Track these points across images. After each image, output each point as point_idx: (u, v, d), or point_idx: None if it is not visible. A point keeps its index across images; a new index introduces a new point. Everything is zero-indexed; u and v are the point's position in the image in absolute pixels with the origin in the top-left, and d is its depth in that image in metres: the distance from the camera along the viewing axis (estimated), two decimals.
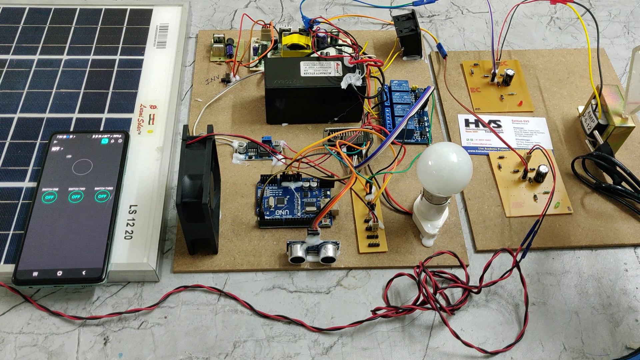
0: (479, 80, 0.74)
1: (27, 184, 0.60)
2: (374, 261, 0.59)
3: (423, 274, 0.56)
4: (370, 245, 0.59)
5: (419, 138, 0.68)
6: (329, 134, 0.66)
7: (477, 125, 0.70)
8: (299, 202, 0.61)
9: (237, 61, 0.73)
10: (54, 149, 0.62)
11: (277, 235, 0.60)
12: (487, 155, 0.67)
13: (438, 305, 0.54)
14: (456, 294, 0.57)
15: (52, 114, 0.66)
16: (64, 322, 0.54)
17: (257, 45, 0.76)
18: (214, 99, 0.70)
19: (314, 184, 0.62)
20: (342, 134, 0.65)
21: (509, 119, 0.70)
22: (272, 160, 0.65)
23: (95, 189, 0.59)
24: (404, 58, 0.76)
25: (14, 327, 0.53)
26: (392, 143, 0.63)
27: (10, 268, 0.54)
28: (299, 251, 0.57)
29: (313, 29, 0.75)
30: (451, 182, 0.53)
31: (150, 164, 0.62)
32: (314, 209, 0.61)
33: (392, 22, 0.78)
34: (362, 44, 0.76)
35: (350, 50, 0.72)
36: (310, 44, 0.73)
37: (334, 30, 0.76)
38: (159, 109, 0.67)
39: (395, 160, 0.64)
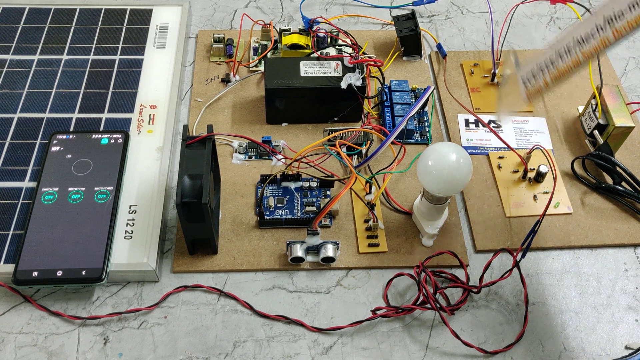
0: (479, 80, 0.74)
1: (27, 184, 0.60)
2: (374, 261, 0.59)
3: (423, 274, 0.56)
4: (370, 245, 0.59)
5: (419, 138, 0.68)
6: (329, 134, 0.66)
7: (477, 125, 0.70)
8: (299, 202, 0.61)
9: (237, 61, 0.73)
10: (54, 149, 0.62)
11: (277, 235, 0.60)
12: (487, 155, 0.67)
13: (438, 305, 0.54)
14: (456, 294, 0.57)
15: (52, 114, 0.66)
16: (64, 322, 0.54)
17: (257, 45, 0.76)
18: (214, 99, 0.70)
19: (314, 184, 0.62)
20: (342, 134, 0.65)
21: (509, 119, 0.70)
22: (272, 160, 0.65)
23: (95, 189, 0.59)
24: (404, 58, 0.76)
25: (14, 327, 0.53)
26: (392, 143, 0.63)
27: (10, 268, 0.54)
28: (298, 251, 0.57)
29: (313, 29, 0.75)
30: (451, 182, 0.53)
31: (150, 164, 0.62)
32: (314, 209, 0.61)
33: (392, 22, 0.78)
34: (362, 44, 0.76)
35: (350, 50, 0.72)
36: (310, 44, 0.73)
37: (334, 30, 0.76)
38: (159, 109, 0.67)
39: (395, 160, 0.64)
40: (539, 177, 0.64)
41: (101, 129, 0.65)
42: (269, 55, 0.74)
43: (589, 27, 0.45)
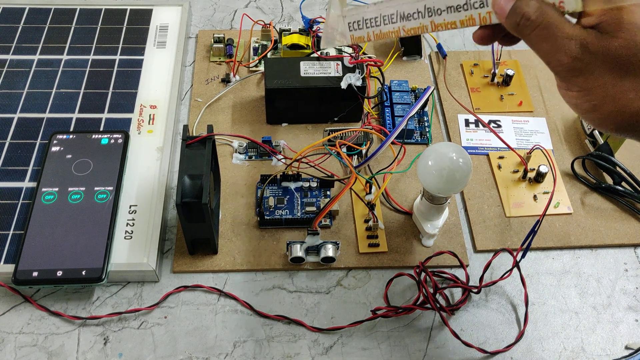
0: (479, 80, 0.74)
1: (27, 184, 0.60)
2: (374, 261, 0.59)
3: (423, 274, 0.56)
4: (370, 245, 0.59)
5: (419, 138, 0.68)
6: (329, 134, 0.66)
7: (477, 125, 0.70)
8: (299, 202, 0.61)
9: (237, 61, 0.73)
10: (54, 149, 0.62)
11: (277, 235, 0.60)
12: (487, 155, 0.67)
13: (438, 305, 0.54)
14: (456, 294, 0.57)
15: (52, 114, 0.66)
16: (64, 322, 0.54)
17: (257, 45, 0.76)
18: (214, 99, 0.70)
19: (314, 184, 0.62)
20: (342, 134, 0.65)
21: (509, 119, 0.70)
22: (272, 160, 0.65)
23: (95, 189, 0.59)
24: (404, 58, 0.76)
25: (14, 327, 0.53)
26: (392, 143, 0.63)
27: (10, 268, 0.54)
28: (299, 251, 0.57)
29: (313, 29, 0.75)
30: (451, 182, 0.53)
31: (150, 164, 0.62)
32: (314, 209, 0.61)
33: None
34: (362, 44, 0.76)
35: (350, 50, 0.72)
36: (310, 44, 0.73)
37: None
38: (159, 109, 0.67)
39: (395, 160, 0.64)
40: (539, 177, 0.64)
41: (101, 129, 0.65)
42: (269, 55, 0.74)
43: (412, 9, 0.45)
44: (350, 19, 0.51)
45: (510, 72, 0.72)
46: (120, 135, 0.63)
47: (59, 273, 0.53)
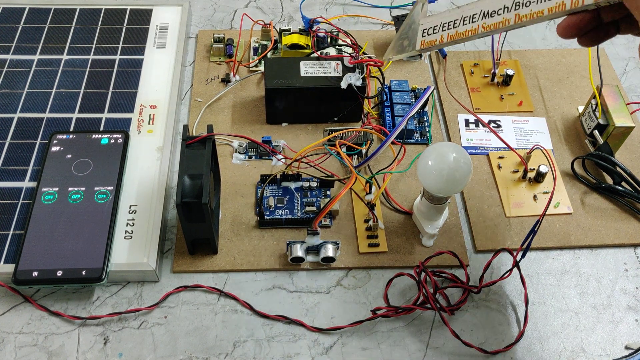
0: (479, 80, 0.74)
1: (27, 184, 0.60)
2: (374, 261, 0.59)
3: (423, 274, 0.56)
4: (370, 245, 0.59)
5: (419, 138, 0.68)
6: (329, 134, 0.66)
7: (477, 125, 0.70)
8: (299, 202, 0.61)
9: (237, 61, 0.73)
10: (54, 149, 0.62)
11: (277, 235, 0.60)
12: (487, 155, 0.67)
13: (438, 305, 0.54)
14: (456, 294, 0.57)
15: (52, 114, 0.66)
16: (64, 322, 0.54)
17: (257, 45, 0.76)
18: (214, 99, 0.70)
19: (314, 184, 0.62)
20: (342, 134, 0.65)
21: (509, 119, 0.70)
22: (272, 160, 0.65)
23: (95, 189, 0.59)
24: (404, 58, 0.76)
25: (14, 327, 0.53)
26: (392, 143, 0.63)
27: (10, 268, 0.54)
28: (299, 251, 0.57)
29: (313, 29, 0.75)
30: (451, 182, 0.53)
31: (150, 164, 0.62)
32: (314, 209, 0.61)
33: (392, 22, 0.78)
34: (362, 44, 0.76)
35: (350, 50, 0.72)
36: (310, 44, 0.73)
37: (334, 30, 0.76)
38: (159, 108, 0.67)
39: (395, 160, 0.64)
40: (539, 177, 0.64)
41: (101, 129, 0.65)
42: (269, 55, 0.74)
43: (497, 5, 0.45)
44: (426, 25, 0.51)
45: (510, 72, 0.72)
46: (120, 135, 0.63)
47: (59, 273, 0.53)
